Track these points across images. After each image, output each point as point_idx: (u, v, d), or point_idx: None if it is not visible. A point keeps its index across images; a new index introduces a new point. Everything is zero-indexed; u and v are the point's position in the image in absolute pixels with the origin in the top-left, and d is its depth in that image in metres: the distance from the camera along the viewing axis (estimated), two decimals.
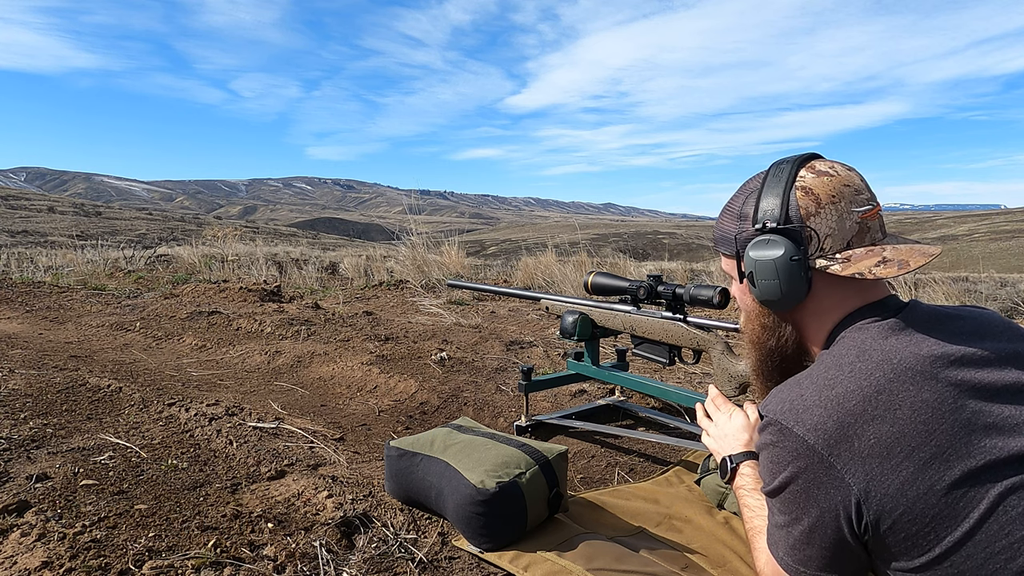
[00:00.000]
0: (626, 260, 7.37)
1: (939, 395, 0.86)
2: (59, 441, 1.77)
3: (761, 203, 1.02)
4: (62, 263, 8.08)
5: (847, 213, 0.98)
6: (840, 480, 0.87)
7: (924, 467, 0.83)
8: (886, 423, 0.85)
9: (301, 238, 36.28)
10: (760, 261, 1.01)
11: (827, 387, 0.91)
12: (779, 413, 0.93)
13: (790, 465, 0.90)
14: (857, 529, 0.87)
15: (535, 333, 3.78)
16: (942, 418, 0.85)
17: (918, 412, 0.85)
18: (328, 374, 2.80)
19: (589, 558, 1.17)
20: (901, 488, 0.84)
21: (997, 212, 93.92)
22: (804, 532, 0.91)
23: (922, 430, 0.84)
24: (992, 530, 0.81)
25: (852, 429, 0.86)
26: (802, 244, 0.99)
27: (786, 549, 0.95)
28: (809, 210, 0.99)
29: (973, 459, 0.83)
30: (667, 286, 1.72)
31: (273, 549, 1.21)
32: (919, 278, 5.95)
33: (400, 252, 6.89)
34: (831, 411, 0.88)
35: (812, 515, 0.90)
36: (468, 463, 1.32)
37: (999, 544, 0.81)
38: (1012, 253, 49.19)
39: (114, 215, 64.07)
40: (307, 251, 11.85)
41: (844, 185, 0.99)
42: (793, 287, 1.00)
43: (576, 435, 2.08)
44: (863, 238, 0.99)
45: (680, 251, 46.35)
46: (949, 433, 0.84)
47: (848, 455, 0.86)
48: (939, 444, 0.84)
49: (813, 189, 0.99)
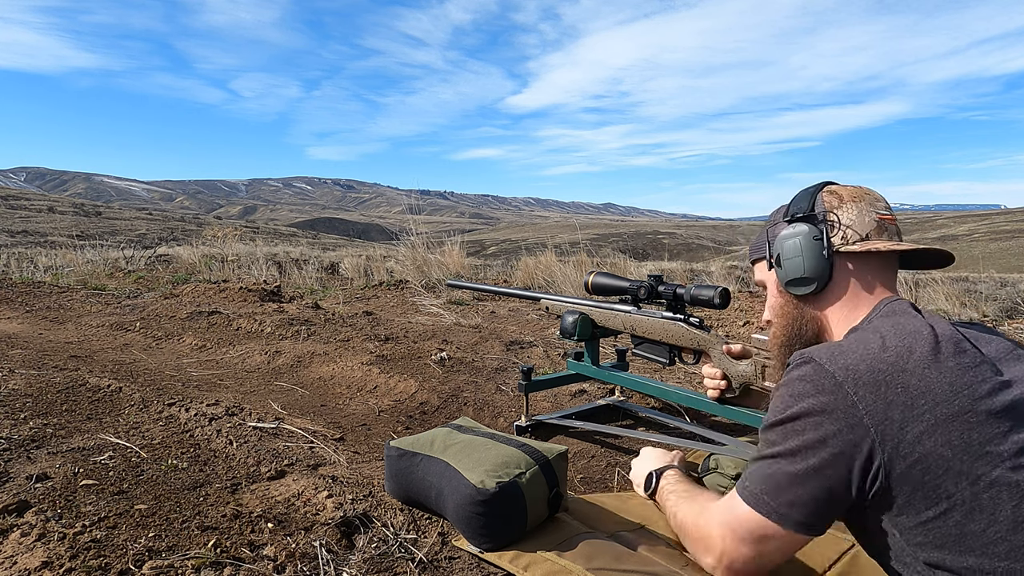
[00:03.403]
0: (626, 260, 7.37)
1: (969, 362, 0.90)
2: (59, 441, 1.77)
3: (791, 206, 1.16)
4: (62, 263, 8.08)
5: (867, 210, 1.09)
6: (859, 423, 0.89)
7: (945, 422, 0.86)
8: (915, 376, 0.89)
9: (301, 238, 36.28)
10: (786, 241, 1.12)
11: (862, 343, 0.95)
12: (814, 352, 0.97)
13: (811, 397, 0.93)
14: (866, 477, 0.89)
15: (535, 333, 3.78)
16: (969, 384, 0.87)
17: (946, 374, 0.88)
18: (328, 374, 2.80)
19: (589, 557, 1.17)
20: (919, 437, 0.86)
21: (997, 212, 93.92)
22: (802, 471, 0.93)
23: (947, 390, 0.87)
24: (1002, 497, 0.83)
25: (882, 376, 0.90)
26: (824, 229, 1.09)
27: (771, 488, 0.95)
28: (832, 204, 1.11)
29: (995, 426, 0.85)
30: (668, 286, 1.72)
31: (273, 549, 1.21)
32: (919, 278, 5.95)
33: (400, 252, 6.90)
34: (864, 359, 0.92)
35: (820, 454, 0.91)
36: (468, 463, 1.31)
37: (1004, 512, 0.83)
38: (1012, 253, 49.15)
39: (114, 215, 64.08)
40: (307, 251, 11.85)
41: (865, 192, 1.12)
42: (815, 265, 1.09)
43: (576, 435, 2.08)
44: (880, 234, 1.08)
45: (680, 251, 46.35)
46: (973, 398, 0.86)
47: (873, 400, 0.89)
48: (962, 405, 0.86)
49: (837, 191, 1.13)
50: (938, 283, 5.66)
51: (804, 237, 1.09)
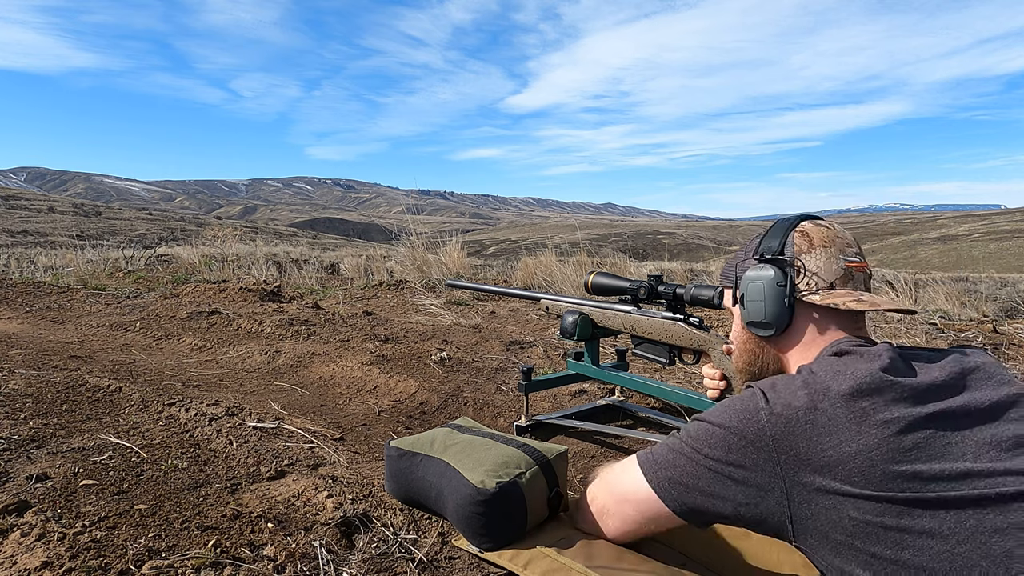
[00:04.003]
0: (626, 260, 7.37)
1: (885, 400, 0.92)
2: (59, 441, 1.77)
3: (763, 242, 1.17)
4: (62, 263, 8.09)
5: (835, 257, 1.11)
6: (768, 468, 0.95)
7: (849, 458, 0.89)
8: (824, 415, 0.93)
9: (301, 238, 36.28)
10: (751, 283, 1.14)
11: (793, 383, 1.00)
12: (763, 385, 1.02)
13: (742, 423, 0.98)
14: (760, 520, 0.97)
15: (535, 333, 3.78)
16: (880, 422, 0.90)
17: (855, 412, 0.92)
18: (328, 374, 2.80)
19: (588, 556, 1.17)
20: (821, 469, 0.90)
21: (997, 212, 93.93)
22: (701, 465, 1.00)
23: (855, 426, 0.91)
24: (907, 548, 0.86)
25: (795, 412, 0.95)
26: (789, 274, 1.11)
27: (668, 462, 1.05)
28: (802, 248, 1.12)
29: (904, 459, 0.88)
30: (668, 286, 1.72)
31: (273, 549, 1.21)
32: (919, 278, 5.95)
33: (400, 252, 6.90)
34: (788, 397, 0.97)
35: (722, 467, 0.98)
36: (468, 463, 1.31)
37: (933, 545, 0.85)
38: (1012, 253, 49.17)
39: (114, 215, 64.07)
40: (307, 251, 11.85)
41: (837, 236, 1.13)
42: (776, 310, 1.11)
43: (576, 435, 2.08)
44: (846, 283, 1.10)
45: (680, 251, 46.34)
46: (881, 437, 0.89)
47: (783, 433, 0.94)
48: (867, 442, 0.89)
49: (809, 233, 1.13)
50: (938, 283, 5.66)
51: (768, 282, 1.11)
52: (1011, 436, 0.90)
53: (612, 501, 1.15)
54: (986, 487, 0.85)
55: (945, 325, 4.21)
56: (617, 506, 1.14)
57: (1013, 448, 0.89)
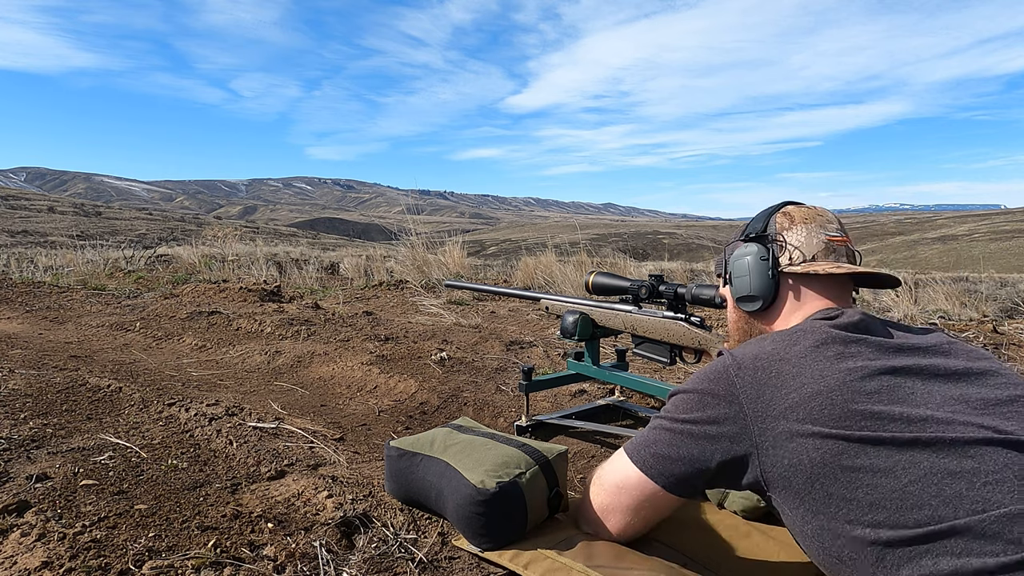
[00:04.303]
0: (626, 260, 7.37)
1: (852, 352, 0.96)
2: (59, 441, 1.77)
3: (749, 225, 1.25)
4: (62, 263, 8.09)
5: (816, 232, 1.16)
6: (740, 414, 0.98)
7: (810, 397, 0.92)
8: (788, 364, 0.97)
9: (301, 238, 36.28)
10: (737, 261, 1.21)
11: (762, 341, 1.06)
12: (734, 349, 1.08)
13: (710, 382, 1.03)
14: (737, 470, 1.00)
15: (535, 333, 3.78)
16: (844, 369, 0.94)
17: (820, 360, 0.96)
18: (328, 374, 2.80)
19: (589, 556, 1.17)
20: (784, 412, 0.94)
21: (997, 212, 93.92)
22: (678, 432, 1.04)
23: (817, 372, 0.94)
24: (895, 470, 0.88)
25: (761, 362, 0.99)
26: (772, 248, 1.17)
27: (651, 441, 1.09)
28: (784, 225, 1.18)
29: (864, 402, 0.90)
30: (669, 285, 1.72)
31: (273, 549, 1.21)
32: (919, 278, 5.95)
33: (400, 252, 6.90)
34: (754, 352, 1.03)
35: (698, 426, 1.02)
36: (468, 463, 1.31)
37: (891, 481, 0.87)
38: (1012, 253, 49.16)
39: (114, 215, 64.07)
40: (307, 251, 11.85)
41: (817, 214, 1.19)
42: (761, 283, 1.17)
43: (576, 435, 2.08)
44: (827, 255, 1.15)
45: (680, 251, 46.35)
46: (844, 381, 0.92)
47: (750, 381, 0.98)
48: (828, 384, 0.93)
49: (790, 212, 1.20)
50: (938, 283, 5.66)
51: (753, 257, 1.18)
52: (979, 398, 0.92)
53: (608, 495, 1.17)
54: (943, 431, 0.86)
55: (945, 325, 4.21)
56: (613, 499, 1.16)
57: (979, 408, 0.90)
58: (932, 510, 0.82)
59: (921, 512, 0.82)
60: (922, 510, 0.82)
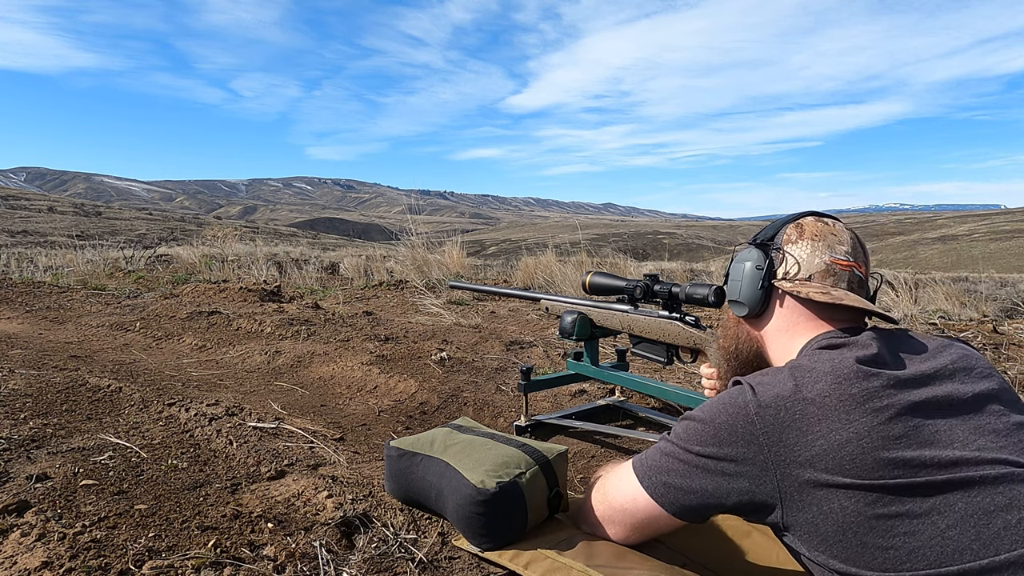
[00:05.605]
0: (626, 260, 7.37)
1: (871, 391, 0.93)
2: (59, 441, 1.77)
3: (764, 230, 1.22)
4: (62, 263, 8.09)
5: (821, 251, 1.11)
6: (759, 456, 0.95)
7: (839, 446, 0.90)
8: (813, 405, 0.94)
9: (301, 238, 36.28)
10: (736, 264, 1.19)
11: (780, 378, 1.01)
12: (751, 379, 1.03)
13: (731, 417, 0.99)
14: (758, 511, 0.98)
15: (535, 333, 3.78)
16: (869, 411, 0.91)
17: (844, 401, 0.93)
18: (328, 374, 2.80)
19: (589, 556, 1.17)
20: (811, 460, 0.91)
21: (997, 212, 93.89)
22: (692, 464, 1.01)
23: (844, 415, 0.92)
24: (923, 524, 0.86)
25: (783, 403, 0.96)
26: (771, 258, 1.14)
27: (662, 467, 1.06)
28: (791, 237, 1.14)
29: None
30: (663, 285, 1.72)
31: (273, 549, 1.21)
32: (919, 278, 5.95)
33: (400, 252, 6.90)
34: (775, 392, 0.98)
35: (714, 463, 0.99)
36: (468, 463, 1.31)
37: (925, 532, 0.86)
38: (1012, 253, 49.16)
39: (114, 215, 64.05)
40: (307, 251, 11.86)
41: (831, 233, 1.13)
42: (749, 292, 1.15)
43: (576, 435, 2.08)
44: (826, 277, 1.10)
45: (680, 251, 46.35)
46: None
47: (772, 424, 0.95)
48: (857, 430, 0.90)
49: (803, 225, 1.15)
50: (938, 283, 5.66)
51: (750, 264, 1.16)
52: (992, 429, 0.92)
53: (613, 511, 1.16)
54: (973, 471, 0.87)
55: (945, 325, 4.21)
56: (618, 515, 1.15)
57: (995, 440, 0.91)
58: (973, 554, 0.82)
59: (963, 555, 0.83)
60: (964, 554, 0.83)
